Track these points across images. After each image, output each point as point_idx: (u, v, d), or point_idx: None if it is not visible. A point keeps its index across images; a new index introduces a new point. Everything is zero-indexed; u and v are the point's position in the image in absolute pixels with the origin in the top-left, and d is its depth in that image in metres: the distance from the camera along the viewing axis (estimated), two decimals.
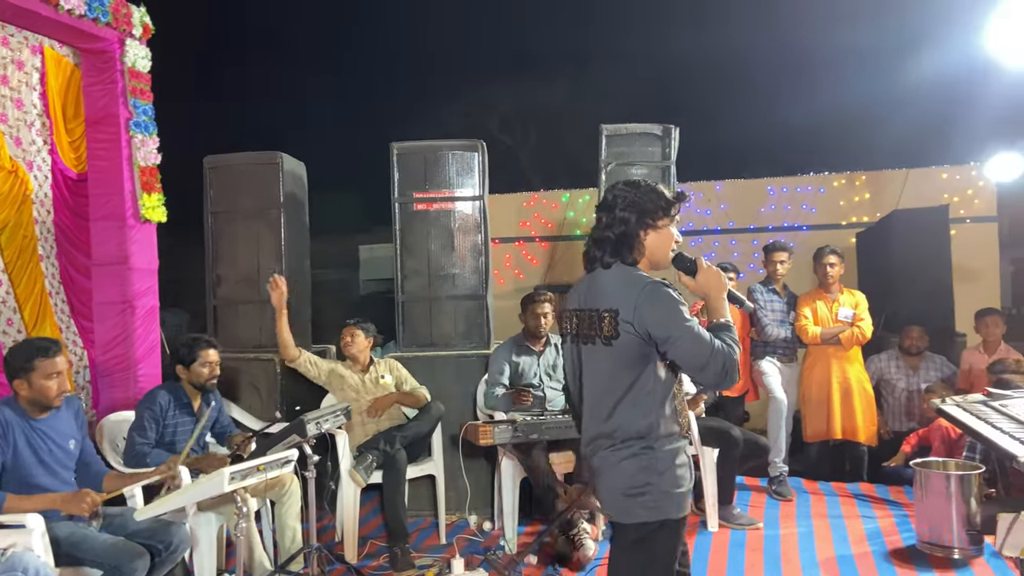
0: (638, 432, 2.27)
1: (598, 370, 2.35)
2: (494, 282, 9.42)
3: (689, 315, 2.24)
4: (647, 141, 5.71)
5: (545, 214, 9.82)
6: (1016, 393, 3.21)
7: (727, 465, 4.63)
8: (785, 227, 9.01)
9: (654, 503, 2.26)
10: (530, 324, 4.60)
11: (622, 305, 2.25)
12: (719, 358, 2.20)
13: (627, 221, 2.33)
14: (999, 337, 5.58)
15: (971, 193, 8.40)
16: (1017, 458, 2.37)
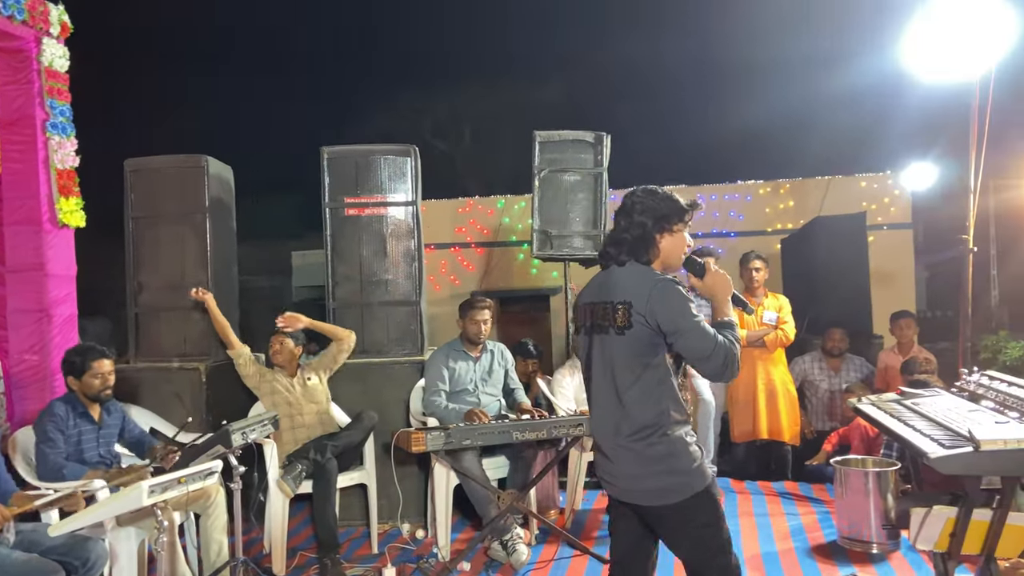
0: (652, 420, 2.41)
1: (610, 359, 2.48)
2: (429, 288, 9.39)
3: (696, 311, 2.39)
4: (580, 148, 5.78)
5: (481, 220, 9.83)
6: (927, 392, 3.35)
7: None
8: (714, 233, 9.23)
9: (680, 482, 2.41)
10: (470, 330, 4.58)
11: (635, 298, 2.41)
12: (721, 351, 2.36)
13: (644, 225, 2.49)
14: (912, 338, 5.83)
15: (887, 201, 8.75)
16: (927, 455, 2.47)
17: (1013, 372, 7.64)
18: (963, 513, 2.74)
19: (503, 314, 10.11)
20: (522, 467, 4.30)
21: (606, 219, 5.76)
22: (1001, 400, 2.86)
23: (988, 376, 3.13)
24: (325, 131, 14.59)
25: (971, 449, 2.40)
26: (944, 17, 4.62)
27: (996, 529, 2.74)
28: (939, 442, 2.52)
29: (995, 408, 2.83)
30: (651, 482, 2.43)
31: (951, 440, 2.53)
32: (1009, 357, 8.59)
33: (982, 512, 2.77)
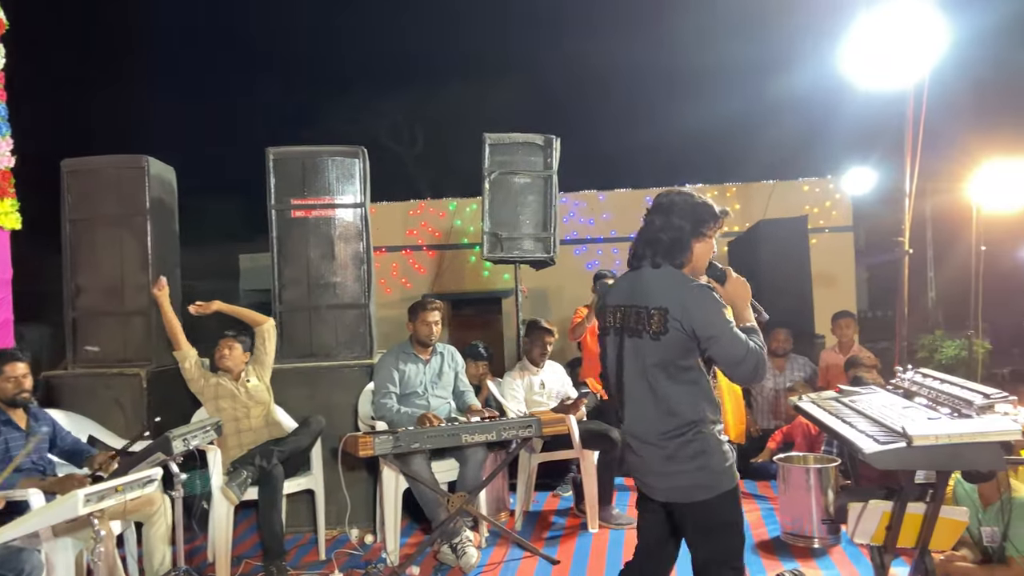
0: (689, 419, 2.47)
1: (645, 360, 2.51)
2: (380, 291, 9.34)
3: (729, 316, 2.45)
4: (529, 151, 5.80)
5: (432, 223, 9.81)
6: (865, 390, 3.42)
7: (607, 467, 4.73)
8: None
9: (710, 481, 2.48)
10: (420, 332, 4.54)
11: (671, 304, 2.45)
12: (753, 356, 2.43)
13: (682, 228, 2.52)
14: (852, 338, 5.98)
15: (829, 205, 8.99)
16: (863, 450, 2.51)
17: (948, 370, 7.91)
18: (898, 507, 2.81)
19: (455, 317, 10.10)
20: (472, 469, 4.28)
21: (556, 221, 5.79)
22: (934, 397, 2.93)
23: (922, 374, 3.21)
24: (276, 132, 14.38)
25: (904, 445, 2.45)
26: (880, 26, 4.75)
27: (930, 522, 2.82)
28: (874, 438, 2.57)
29: (928, 405, 2.90)
30: (684, 479, 2.49)
31: (886, 436, 2.58)
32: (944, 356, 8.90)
33: (917, 506, 2.84)
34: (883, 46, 4.79)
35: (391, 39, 18.62)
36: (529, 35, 18.01)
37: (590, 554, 4.24)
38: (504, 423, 4.16)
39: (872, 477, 4.13)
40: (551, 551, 4.26)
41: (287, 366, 4.76)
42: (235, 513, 4.13)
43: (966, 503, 3.70)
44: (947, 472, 2.79)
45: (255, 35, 20.31)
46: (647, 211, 2.63)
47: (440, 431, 3.99)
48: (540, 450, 4.81)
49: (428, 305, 4.54)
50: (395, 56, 18.16)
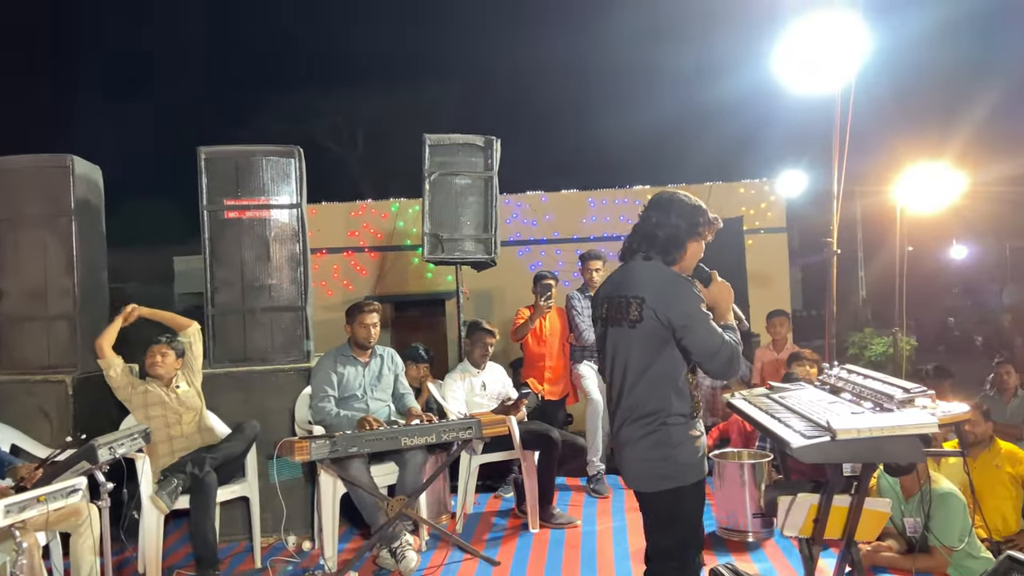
0: (653, 410, 2.56)
1: (623, 351, 2.62)
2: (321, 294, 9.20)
3: (705, 309, 2.55)
4: (470, 152, 5.79)
5: (374, 224, 9.70)
6: (794, 386, 3.51)
7: (547, 467, 4.74)
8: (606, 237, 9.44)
9: (671, 473, 2.56)
10: (358, 334, 4.49)
11: (648, 293, 2.56)
12: (728, 349, 2.54)
13: (679, 227, 2.64)
14: (786, 336, 6.13)
15: (764, 206, 9.20)
16: (790, 445, 2.58)
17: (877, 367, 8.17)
18: (824, 500, 2.89)
19: (398, 319, 10.02)
20: (412, 473, 4.24)
21: (497, 222, 5.79)
22: (858, 392, 3.02)
23: (847, 370, 3.30)
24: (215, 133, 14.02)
25: (829, 439, 2.52)
26: (809, 32, 4.88)
27: (855, 514, 2.90)
28: (801, 433, 2.64)
29: (852, 400, 2.98)
30: (645, 467, 2.59)
31: (812, 431, 2.64)
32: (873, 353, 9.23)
33: (842, 498, 2.92)
34: (812, 52, 4.93)
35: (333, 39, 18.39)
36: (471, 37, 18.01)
37: (531, 554, 4.25)
38: (444, 425, 4.14)
39: (803, 471, 4.22)
40: (492, 552, 4.26)
41: (220, 371, 4.64)
42: (166, 522, 4.02)
43: (889, 495, 3.82)
44: (871, 465, 2.88)
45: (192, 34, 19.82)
46: (644, 207, 2.74)
47: (379, 434, 3.95)
48: (481, 451, 4.80)
49: (365, 307, 4.48)
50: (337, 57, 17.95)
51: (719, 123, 13.80)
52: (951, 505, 3.69)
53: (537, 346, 5.76)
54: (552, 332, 5.76)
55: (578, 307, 5.66)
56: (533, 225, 9.64)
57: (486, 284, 8.52)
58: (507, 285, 8.90)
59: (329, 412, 4.28)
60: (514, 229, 9.61)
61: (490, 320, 5.42)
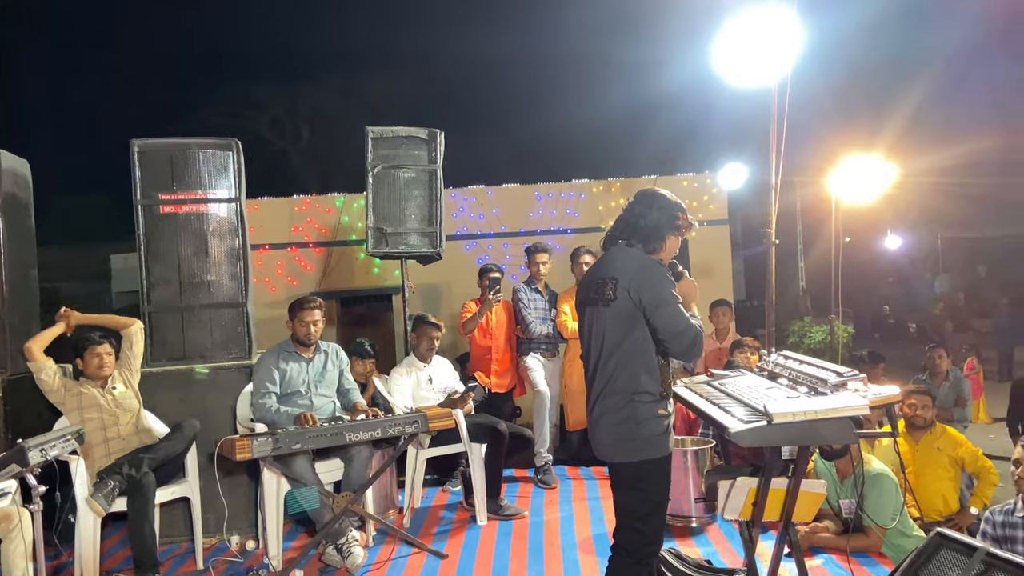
0: (622, 386, 2.73)
1: (598, 329, 2.79)
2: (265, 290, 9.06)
3: (676, 293, 2.72)
4: (414, 145, 5.75)
5: (319, 219, 9.58)
6: (734, 373, 3.58)
7: (494, 459, 4.75)
8: (552, 230, 9.50)
9: (637, 447, 2.73)
10: (299, 331, 4.42)
11: (623, 274, 2.74)
12: (692, 331, 2.72)
13: (659, 220, 2.83)
14: (728, 325, 6.25)
15: (707, 199, 9.36)
16: (728, 429, 2.63)
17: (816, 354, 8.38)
18: (763, 483, 2.95)
19: (344, 315, 9.92)
20: (357, 468, 4.20)
21: (442, 216, 5.76)
22: (795, 377, 3.09)
23: (784, 356, 3.38)
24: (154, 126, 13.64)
25: (765, 423, 2.58)
26: (746, 26, 4.98)
27: (791, 496, 2.98)
28: (739, 418, 2.69)
29: (789, 385, 3.05)
30: (615, 440, 2.76)
31: (749, 415, 2.70)
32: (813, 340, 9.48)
33: (780, 481, 3.00)
34: (749, 46, 5.03)
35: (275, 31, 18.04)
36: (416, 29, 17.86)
37: (479, 546, 4.25)
38: (389, 420, 4.10)
39: (744, 456, 4.32)
40: (439, 546, 4.25)
41: (157, 369, 4.53)
42: (103, 525, 3.91)
43: (825, 478, 3.94)
44: (807, 448, 2.96)
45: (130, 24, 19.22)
46: (630, 201, 2.93)
47: (322, 430, 3.89)
48: (428, 445, 4.78)
49: (307, 303, 4.42)
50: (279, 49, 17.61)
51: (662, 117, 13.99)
52: (883, 485, 3.82)
53: (484, 339, 5.76)
54: (499, 325, 5.77)
55: (524, 300, 5.67)
56: (480, 219, 9.64)
57: (433, 278, 8.49)
58: (454, 279, 8.89)
59: (269, 409, 4.21)
60: (461, 223, 9.60)
61: (438, 314, 5.40)
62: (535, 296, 5.74)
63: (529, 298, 5.70)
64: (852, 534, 3.86)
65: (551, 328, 5.68)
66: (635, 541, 2.79)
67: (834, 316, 6.51)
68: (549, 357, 5.72)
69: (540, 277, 5.80)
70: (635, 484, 2.79)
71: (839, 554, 3.84)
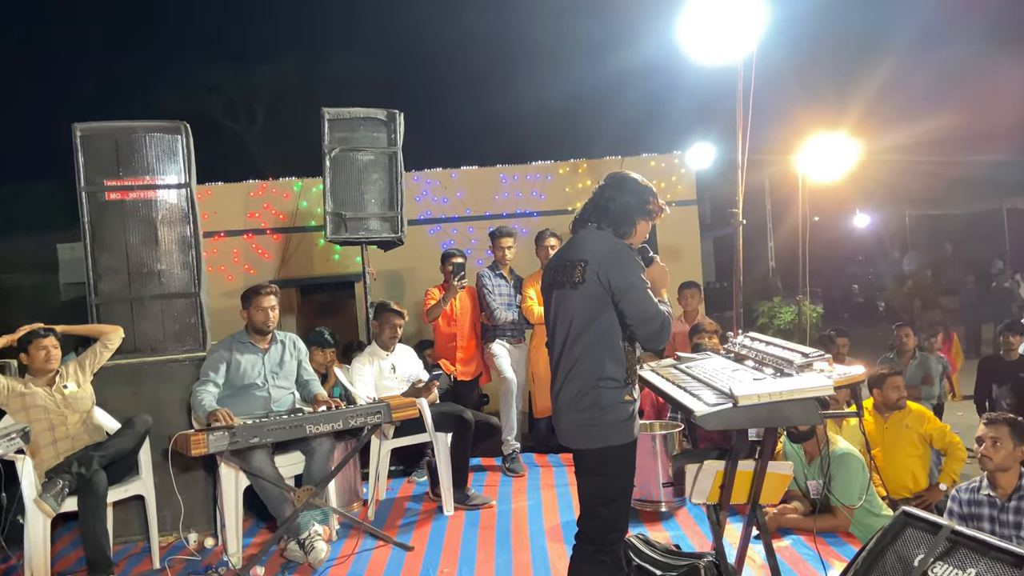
0: (587, 371, 2.73)
1: (565, 312, 2.81)
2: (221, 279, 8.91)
3: (645, 278, 2.73)
4: (372, 126, 5.71)
5: (276, 204, 9.43)
6: (700, 356, 3.61)
7: (460, 448, 4.74)
8: (519, 213, 9.47)
9: (600, 433, 2.73)
10: (255, 319, 4.35)
11: (592, 256, 2.74)
12: (661, 317, 2.73)
13: (629, 204, 2.83)
14: (696, 307, 6.30)
15: (675, 179, 9.39)
16: (694, 412, 2.65)
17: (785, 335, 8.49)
18: (730, 466, 2.98)
19: (305, 303, 9.82)
20: (319, 461, 4.17)
21: (403, 200, 5.72)
22: (761, 359, 3.13)
23: (750, 338, 3.41)
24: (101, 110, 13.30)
25: (731, 405, 2.60)
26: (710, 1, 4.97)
27: (759, 478, 3.02)
28: (704, 401, 2.71)
29: (755, 367, 3.09)
30: (574, 425, 2.77)
31: (716, 398, 2.72)
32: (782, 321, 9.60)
33: (747, 463, 3.03)
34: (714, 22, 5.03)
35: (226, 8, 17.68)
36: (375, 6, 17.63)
37: (445, 537, 4.25)
38: (351, 411, 4.08)
39: (712, 439, 4.37)
40: (405, 538, 4.24)
41: (108, 363, 4.42)
42: (54, 526, 3.83)
43: (793, 459, 4.00)
44: (773, 429, 2.99)
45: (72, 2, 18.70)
46: (600, 184, 2.93)
47: (281, 423, 3.85)
48: (392, 436, 4.76)
49: (262, 290, 4.36)
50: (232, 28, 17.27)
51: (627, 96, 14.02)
52: (849, 465, 3.89)
53: (448, 327, 5.74)
54: (463, 312, 5.75)
55: (489, 286, 5.66)
56: (444, 203, 9.57)
57: (396, 264, 8.42)
58: (418, 265, 8.84)
59: (195, 397, 4.10)
60: (424, 207, 9.52)
61: (401, 301, 5.37)
62: (500, 282, 5.73)
63: (494, 283, 5.68)
64: (820, 514, 3.93)
65: (516, 314, 5.68)
66: (598, 528, 2.80)
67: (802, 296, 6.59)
68: (515, 344, 5.73)
69: (505, 262, 5.78)
70: (599, 470, 2.79)
71: (807, 535, 3.91)
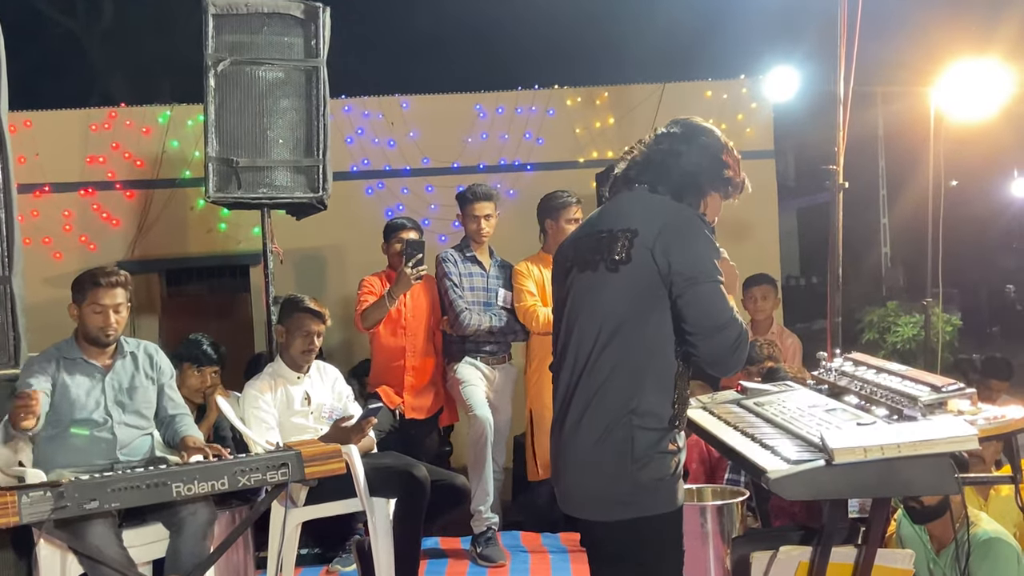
0: (616, 401, 2.68)
1: (589, 307, 2.78)
2: (41, 258, 8.88)
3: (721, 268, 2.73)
4: (281, 27, 5.72)
5: (131, 144, 9.42)
6: (778, 387, 3.63)
7: (410, 523, 4.75)
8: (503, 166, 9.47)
9: (630, 496, 2.68)
10: (90, 323, 4.38)
11: (644, 226, 2.72)
12: (736, 327, 2.67)
13: (700, 166, 2.87)
14: (771, 314, 6.32)
15: (742, 118, 9.42)
16: (766, 473, 2.65)
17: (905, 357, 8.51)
18: (819, 554, 3.01)
19: (172, 296, 9.81)
20: (190, 540, 4.17)
21: (327, 141, 5.71)
22: (868, 394, 3.16)
23: (853, 361, 3.45)
24: None
25: (822, 463, 2.62)
26: None
27: (863, 574, 3.05)
28: (783, 456, 2.73)
29: (860, 405, 3.12)
30: (596, 485, 2.74)
31: (799, 452, 2.74)
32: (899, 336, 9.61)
33: (845, 551, 3.06)
34: None
35: None
36: None
37: None
38: (242, 463, 4.05)
39: (791, 514, 4.41)
40: None
41: None
42: None
43: (914, 546, 4.03)
44: (885, 501, 3.02)
45: None
46: (659, 131, 2.95)
47: (133, 479, 3.83)
48: (304, 502, 4.77)
49: (102, 278, 4.38)
50: None
51: None
52: (998, 554, 3.92)
53: (392, 336, 5.74)
54: (416, 314, 5.75)
55: (454, 274, 5.65)
56: (389, 146, 9.57)
57: (314, 240, 8.45)
58: (348, 241, 8.85)
59: None
60: (359, 153, 9.52)
61: (321, 298, 5.36)
62: (472, 268, 5.73)
63: (461, 272, 5.68)
64: None
65: (499, 319, 5.67)
66: None
67: (930, 300, 6.62)
68: (495, 364, 5.73)
69: (481, 238, 5.79)
70: (628, 555, 2.77)
71: None
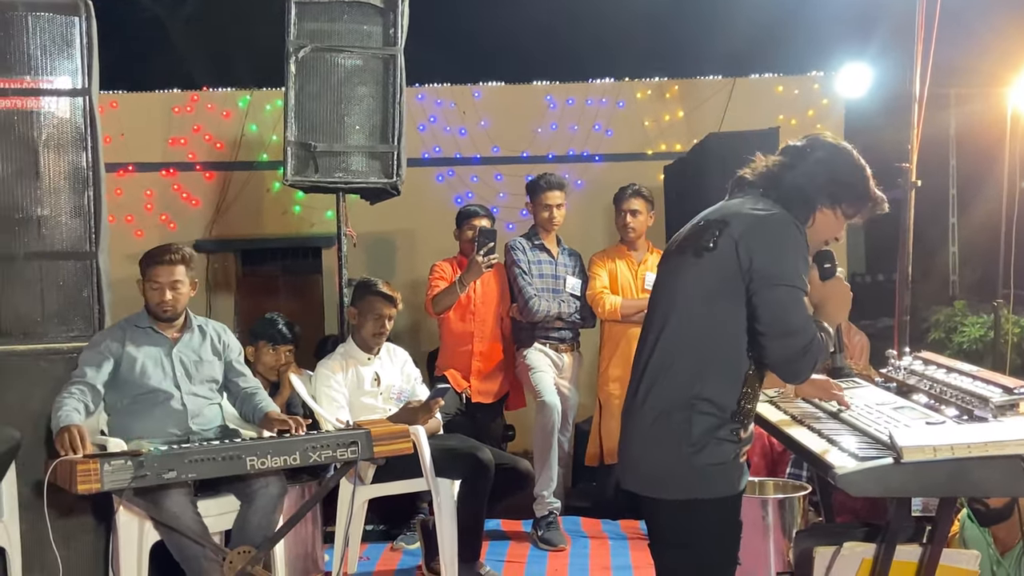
0: (680, 383, 2.74)
1: (669, 288, 2.89)
2: (124, 233, 9.03)
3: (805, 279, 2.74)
4: (361, 15, 5.75)
5: (212, 126, 9.53)
6: (846, 383, 3.59)
7: (473, 504, 4.79)
8: (571, 156, 9.45)
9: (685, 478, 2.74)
10: (150, 298, 4.49)
11: (737, 220, 2.78)
12: (806, 336, 2.67)
13: (814, 176, 2.85)
14: None
15: (812, 114, 9.32)
16: (833, 469, 2.64)
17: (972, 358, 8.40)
18: (883, 551, 2.98)
19: (247, 276, 9.91)
20: (261, 512, 4.24)
21: (403, 129, 5.73)
22: (938, 393, 3.12)
23: (923, 360, 3.41)
24: None
25: (891, 461, 2.59)
26: None
27: (926, 573, 3.01)
28: (850, 452, 2.71)
29: (929, 404, 3.08)
30: (653, 463, 2.80)
31: (866, 449, 2.72)
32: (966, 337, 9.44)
33: (910, 550, 3.03)
34: None
35: None
36: None
37: None
38: (313, 439, 4.13)
39: (855, 510, 4.36)
40: None
41: None
42: None
43: (978, 547, 3.96)
44: (951, 501, 2.98)
45: None
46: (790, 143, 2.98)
47: (210, 451, 3.91)
48: (371, 480, 4.82)
49: (160, 257, 4.47)
50: None
51: None
52: None
53: (461, 321, 5.77)
54: (485, 301, 5.77)
55: (523, 262, 5.67)
56: (461, 135, 9.59)
57: (387, 225, 8.49)
58: (419, 226, 8.89)
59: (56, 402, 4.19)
60: (431, 140, 9.55)
61: (392, 282, 5.40)
62: (541, 256, 5.74)
63: (530, 259, 5.69)
64: None
65: (571, 305, 5.68)
66: None
67: (1001, 301, 6.51)
68: (564, 351, 5.74)
69: (551, 227, 5.79)
70: (679, 536, 2.80)
71: None
